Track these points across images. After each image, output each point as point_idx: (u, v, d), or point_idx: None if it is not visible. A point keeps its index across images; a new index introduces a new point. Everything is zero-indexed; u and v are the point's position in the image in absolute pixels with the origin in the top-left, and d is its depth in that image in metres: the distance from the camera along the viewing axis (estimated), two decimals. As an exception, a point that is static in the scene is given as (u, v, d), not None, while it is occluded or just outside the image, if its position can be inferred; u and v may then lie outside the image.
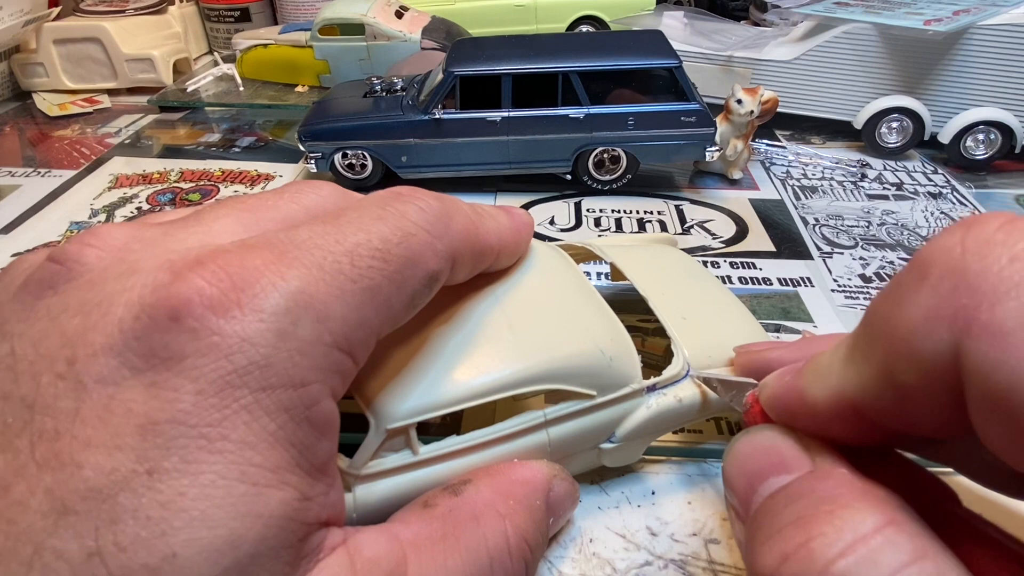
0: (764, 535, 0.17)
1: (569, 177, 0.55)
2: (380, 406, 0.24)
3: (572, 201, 0.55)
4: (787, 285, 0.44)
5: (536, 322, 0.27)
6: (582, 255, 0.35)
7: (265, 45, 0.78)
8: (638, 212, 0.53)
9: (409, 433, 0.24)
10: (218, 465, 0.17)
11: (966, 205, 0.53)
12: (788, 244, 0.49)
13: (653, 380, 0.28)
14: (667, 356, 0.29)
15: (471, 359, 0.25)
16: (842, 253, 0.47)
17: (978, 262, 0.15)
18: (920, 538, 0.15)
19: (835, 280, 0.44)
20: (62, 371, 0.17)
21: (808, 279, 0.45)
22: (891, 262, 0.46)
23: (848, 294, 0.43)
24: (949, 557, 0.15)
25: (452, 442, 0.25)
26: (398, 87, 0.58)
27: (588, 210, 0.53)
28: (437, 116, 0.52)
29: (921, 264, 0.16)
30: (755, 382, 0.24)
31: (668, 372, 0.28)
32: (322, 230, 0.20)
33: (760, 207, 0.54)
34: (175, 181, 0.59)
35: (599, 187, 0.55)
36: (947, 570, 0.15)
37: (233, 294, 0.18)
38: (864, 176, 0.58)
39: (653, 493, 0.30)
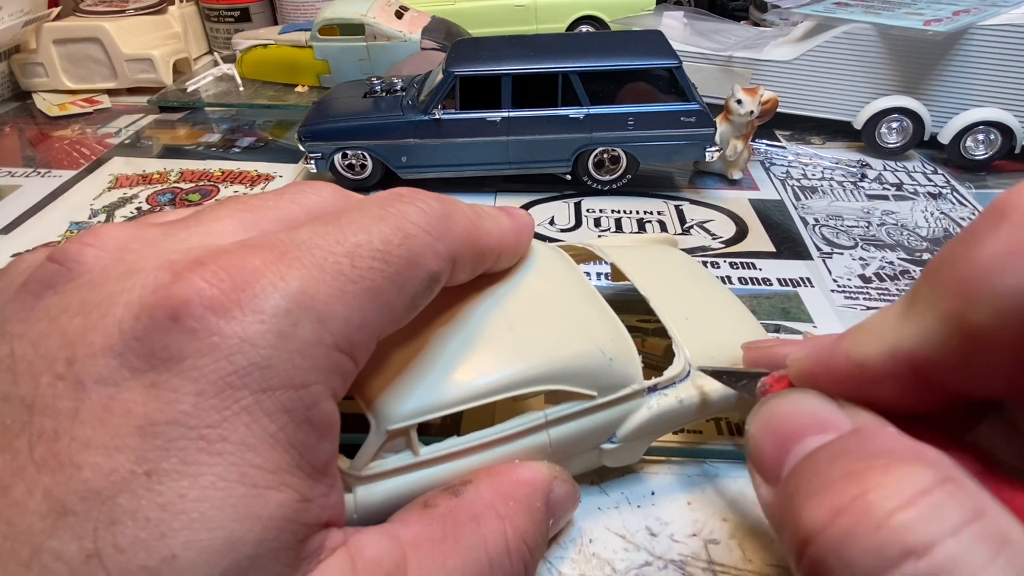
0: (808, 491, 0.16)
1: (569, 177, 0.55)
2: (381, 407, 0.24)
3: (572, 201, 0.55)
4: (787, 285, 0.44)
5: (537, 323, 0.27)
6: (583, 256, 0.35)
7: (265, 45, 0.78)
8: (638, 212, 0.53)
9: (410, 434, 0.24)
10: (218, 467, 0.17)
11: (966, 205, 0.53)
12: (788, 244, 0.49)
13: (654, 380, 0.28)
14: (667, 356, 0.29)
15: (472, 360, 0.25)
16: (842, 253, 0.47)
17: None
18: (979, 496, 0.15)
19: (835, 280, 0.44)
20: (61, 372, 0.17)
21: (808, 279, 0.45)
22: (891, 262, 0.46)
23: (848, 294, 0.43)
24: (1008, 516, 0.15)
25: (453, 443, 0.25)
26: (398, 87, 0.58)
27: (588, 210, 0.53)
28: (437, 116, 0.52)
29: (999, 208, 0.16)
30: (766, 371, 0.24)
31: (669, 372, 0.28)
32: (323, 231, 0.20)
33: (760, 207, 0.54)
34: (175, 181, 0.59)
35: (599, 187, 0.55)
36: (1009, 528, 0.14)
37: (233, 294, 0.18)
38: (864, 176, 0.58)
39: (653, 494, 0.30)
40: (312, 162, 0.55)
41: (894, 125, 0.60)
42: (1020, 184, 0.16)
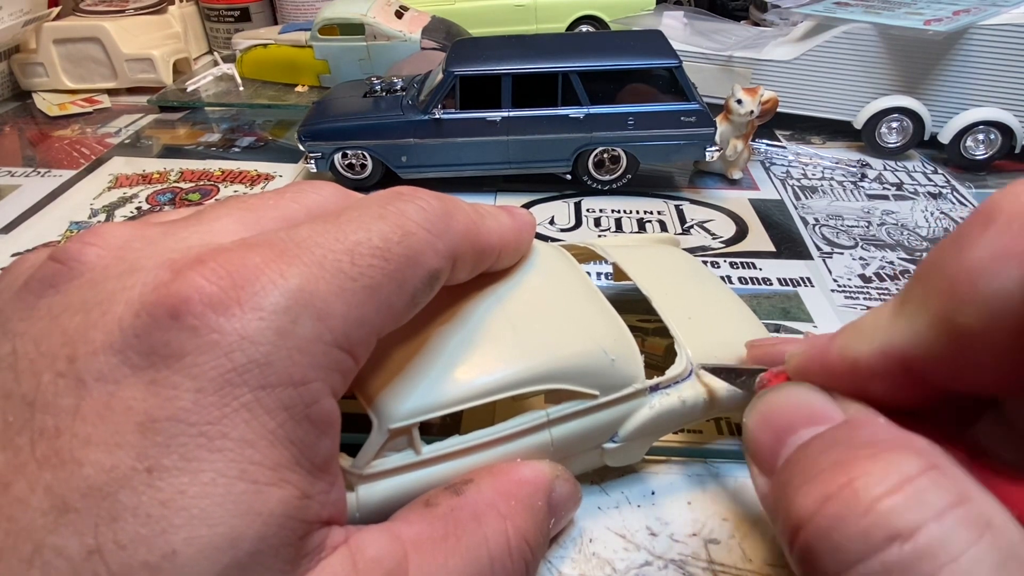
0: (800, 480, 0.17)
1: (569, 177, 0.55)
2: (383, 406, 0.24)
3: (572, 201, 0.55)
4: (787, 285, 0.44)
5: (538, 322, 0.27)
6: (584, 255, 0.35)
7: (265, 45, 0.78)
8: (638, 212, 0.53)
9: (412, 433, 0.24)
10: (218, 463, 0.17)
11: (966, 205, 0.53)
12: (788, 244, 0.49)
13: (656, 380, 0.28)
14: (667, 356, 0.29)
15: (473, 359, 0.25)
16: (842, 253, 0.47)
17: None
18: (964, 483, 0.15)
19: (835, 280, 0.44)
20: (63, 369, 0.17)
21: (808, 279, 0.45)
22: (891, 262, 0.46)
23: (848, 294, 0.43)
24: (993, 501, 0.15)
25: (455, 442, 0.25)
26: (398, 87, 0.58)
27: (588, 210, 0.53)
28: (437, 116, 0.52)
29: (986, 211, 0.16)
30: (764, 368, 0.24)
31: (671, 372, 0.28)
32: (322, 228, 0.20)
33: (760, 207, 0.54)
34: (175, 181, 0.59)
35: (599, 187, 0.55)
36: (992, 513, 0.15)
37: (233, 292, 0.18)
38: (864, 176, 0.58)
39: (653, 493, 0.30)
40: (312, 162, 0.55)
41: (894, 125, 0.60)
42: (1009, 186, 0.16)
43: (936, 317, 0.17)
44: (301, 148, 0.54)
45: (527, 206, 0.54)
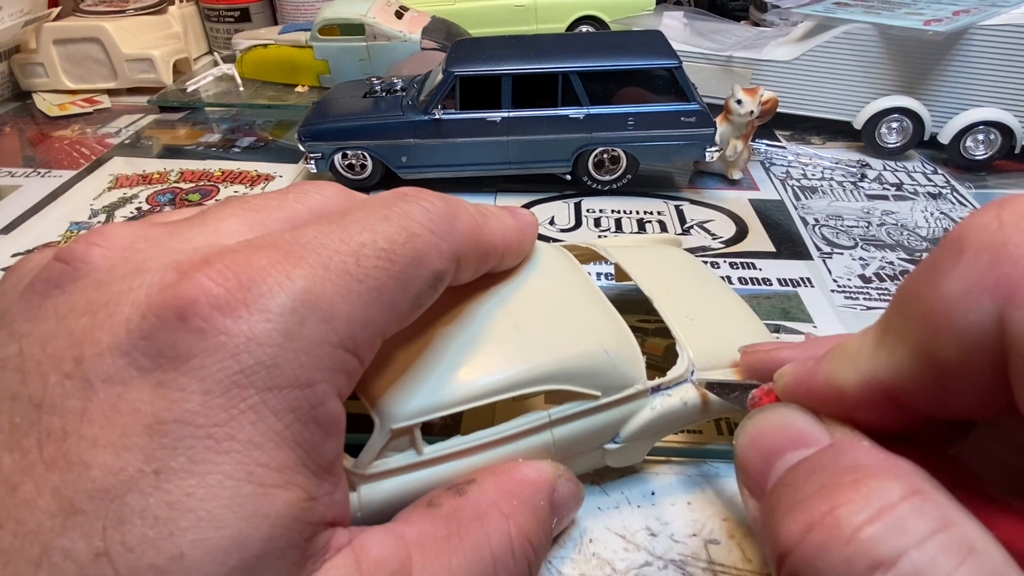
0: (786, 506, 0.17)
1: (569, 177, 0.55)
2: (385, 406, 0.24)
3: (572, 201, 0.55)
4: (787, 285, 0.44)
5: (541, 322, 0.27)
6: (586, 255, 0.35)
7: (265, 45, 0.78)
8: (638, 212, 0.53)
9: (413, 433, 0.24)
10: (225, 465, 0.17)
11: (966, 205, 0.54)
12: (788, 244, 0.49)
13: (657, 381, 0.28)
14: (667, 356, 0.29)
15: (476, 359, 0.25)
16: (842, 253, 0.48)
17: (1017, 235, 0.15)
18: (946, 508, 0.15)
19: (835, 280, 0.45)
20: (69, 371, 0.17)
21: (808, 279, 0.45)
22: (891, 262, 0.46)
23: (848, 294, 0.43)
24: (976, 525, 0.15)
25: (456, 442, 0.25)
26: (398, 87, 0.58)
27: (588, 210, 0.53)
28: (437, 116, 0.52)
29: (956, 241, 0.16)
30: (757, 383, 0.24)
31: (673, 373, 0.28)
32: (327, 230, 0.20)
33: (760, 207, 0.54)
34: (175, 181, 0.59)
35: (599, 187, 0.55)
36: (975, 538, 0.15)
37: (239, 294, 0.18)
38: (864, 176, 0.58)
39: (653, 494, 0.30)
40: (312, 162, 0.55)
41: (894, 125, 0.60)
42: (976, 214, 0.16)
43: (915, 350, 0.17)
44: (301, 148, 0.55)
45: (527, 206, 0.54)
